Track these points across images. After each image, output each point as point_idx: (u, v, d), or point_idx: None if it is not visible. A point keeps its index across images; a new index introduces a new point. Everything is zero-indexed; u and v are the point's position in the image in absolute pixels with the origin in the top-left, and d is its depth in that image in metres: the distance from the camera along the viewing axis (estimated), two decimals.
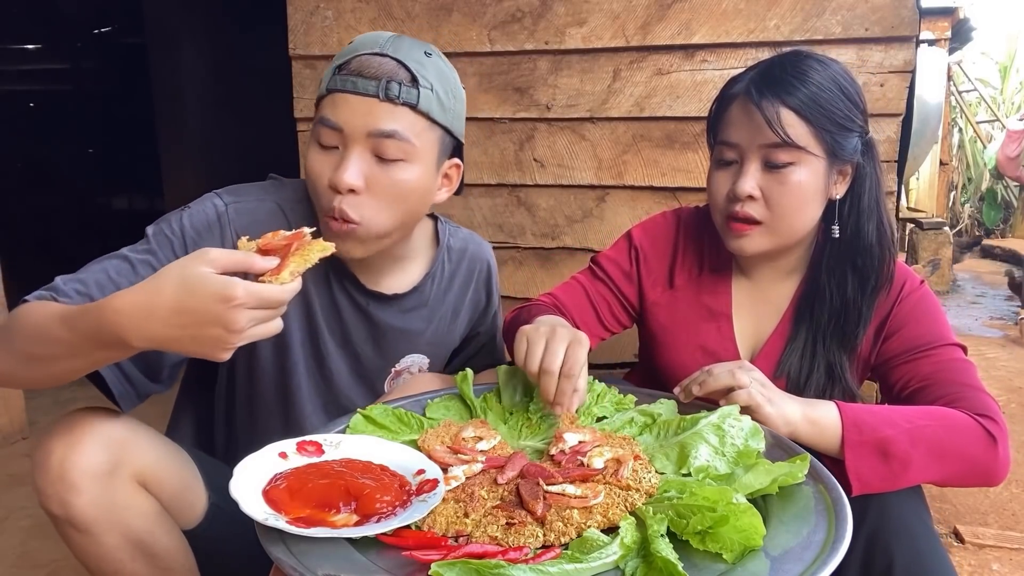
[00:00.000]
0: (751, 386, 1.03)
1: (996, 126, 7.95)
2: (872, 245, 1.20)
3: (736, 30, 1.92)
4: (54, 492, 0.99)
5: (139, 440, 1.07)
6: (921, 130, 4.72)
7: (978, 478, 1.09)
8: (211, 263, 0.84)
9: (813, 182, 1.16)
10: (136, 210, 7.25)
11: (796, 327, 1.27)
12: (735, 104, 1.20)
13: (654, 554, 0.75)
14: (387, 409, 1.10)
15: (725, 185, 1.21)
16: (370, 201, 1.13)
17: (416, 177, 1.15)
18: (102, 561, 1.05)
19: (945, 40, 5.36)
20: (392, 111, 1.10)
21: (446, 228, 1.40)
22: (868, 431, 1.03)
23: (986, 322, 3.48)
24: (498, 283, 1.52)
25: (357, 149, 1.10)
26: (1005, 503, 2.24)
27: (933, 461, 1.03)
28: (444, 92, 1.15)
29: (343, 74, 1.11)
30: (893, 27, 1.84)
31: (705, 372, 1.08)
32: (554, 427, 1.07)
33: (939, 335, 1.19)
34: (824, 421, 1.04)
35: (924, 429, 1.04)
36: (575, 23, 2.02)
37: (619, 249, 1.42)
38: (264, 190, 1.25)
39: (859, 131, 1.18)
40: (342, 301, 1.28)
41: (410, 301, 1.33)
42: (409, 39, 1.16)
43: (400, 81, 1.10)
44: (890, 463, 1.02)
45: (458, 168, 1.25)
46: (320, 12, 2.13)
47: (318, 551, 0.78)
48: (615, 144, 2.07)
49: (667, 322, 1.36)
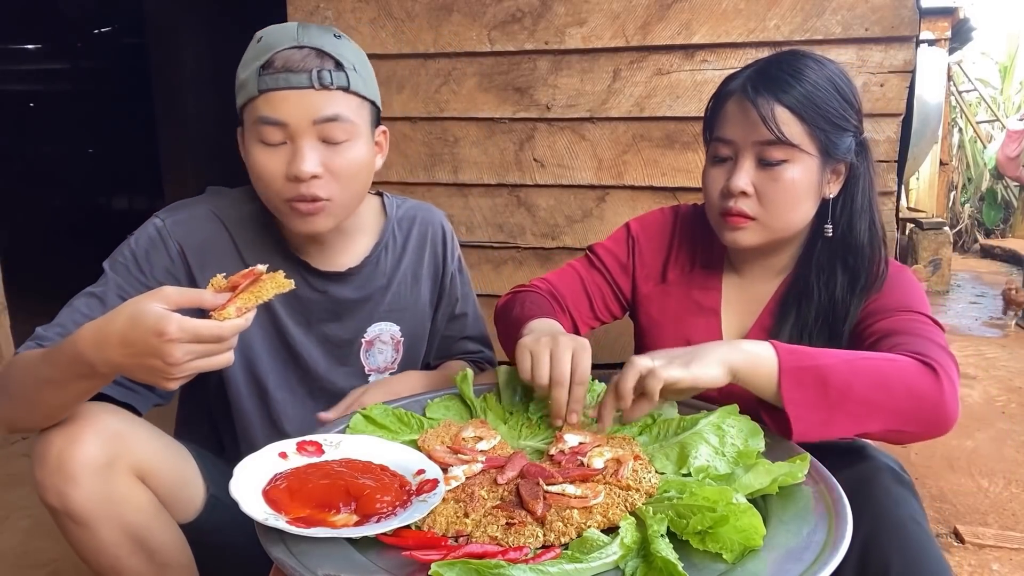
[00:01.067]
0: (657, 364, 0.99)
1: (996, 126, 7.95)
2: (863, 245, 1.21)
3: (736, 30, 1.92)
4: (52, 484, 1.01)
5: (137, 434, 1.09)
6: (921, 130, 4.72)
7: (925, 419, 1.02)
8: (164, 299, 0.90)
9: (806, 180, 1.17)
10: (136, 210, 7.25)
11: (779, 321, 1.26)
12: (731, 101, 1.21)
13: (654, 554, 0.75)
14: (387, 409, 1.10)
15: (720, 181, 1.22)
16: (331, 183, 1.18)
17: (363, 152, 1.22)
18: (100, 554, 1.06)
19: (945, 40, 5.37)
20: (329, 97, 1.15)
21: (393, 201, 1.45)
22: (805, 358, 1.00)
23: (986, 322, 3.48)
24: (458, 246, 1.53)
25: (306, 139, 1.15)
26: (1005, 503, 2.24)
27: (873, 393, 0.99)
28: (362, 68, 1.22)
29: (270, 73, 1.14)
30: (893, 27, 1.84)
31: (609, 389, 1.04)
32: (554, 427, 1.07)
33: (912, 303, 1.17)
34: (758, 352, 1.01)
35: (864, 360, 1.02)
36: (575, 23, 2.02)
37: (616, 240, 1.43)
38: (197, 201, 1.31)
39: (853, 131, 1.19)
40: (300, 289, 1.31)
41: (365, 272, 1.36)
42: (314, 25, 1.20)
43: (328, 68, 1.15)
44: (827, 393, 0.98)
45: (385, 134, 1.32)
46: (320, 12, 2.13)
47: (318, 551, 0.78)
48: (615, 144, 2.07)
49: (657, 316, 1.37)
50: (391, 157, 2.22)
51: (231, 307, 0.91)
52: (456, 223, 2.24)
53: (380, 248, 1.38)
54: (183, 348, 0.88)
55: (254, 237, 1.30)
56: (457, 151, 2.17)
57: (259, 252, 1.29)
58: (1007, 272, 6.66)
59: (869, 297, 1.21)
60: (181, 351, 0.87)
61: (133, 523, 1.07)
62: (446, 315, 1.51)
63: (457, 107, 2.14)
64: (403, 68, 2.13)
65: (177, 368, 0.89)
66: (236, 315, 0.90)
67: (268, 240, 1.30)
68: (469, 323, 1.55)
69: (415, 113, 2.15)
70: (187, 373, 0.91)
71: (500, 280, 2.27)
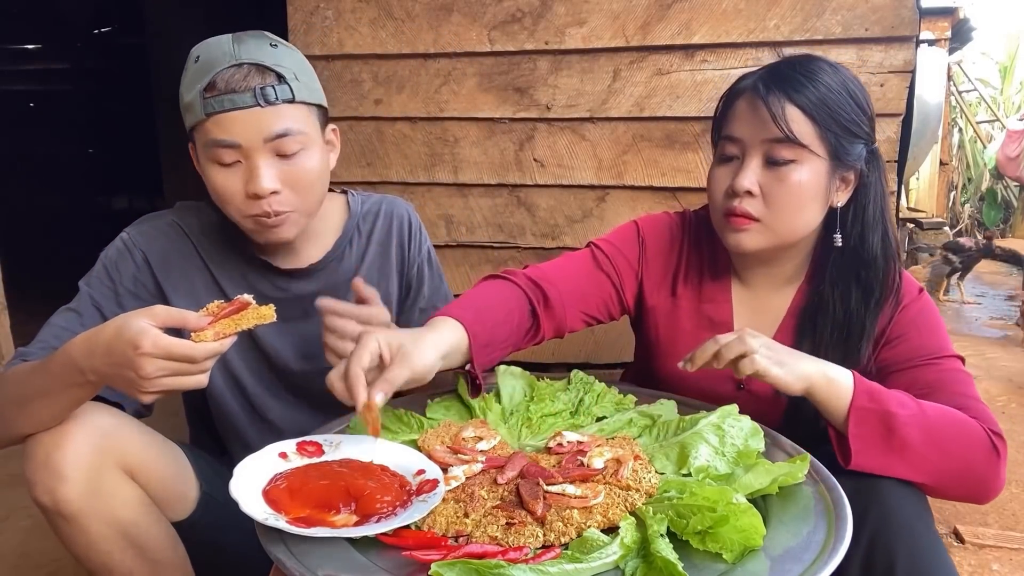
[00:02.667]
0: (759, 352, 1.03)
1: (996, 126, 7.95)
2: (877, 257, 1.19)
3: (736, 30, 1.92)
4: (41, 480, 1.03)
5: (126, 431, 1.10)
6: (921, 130, 4.72)
7: (973, 486, 1.07)
8: (152, 316, 0.94)
9: (814, 183, 1.15)
10: (136, 210, 7.20)
11: (798, 339, 1.25)
12: (741, 99, 1.19)
13: (654, 554, 0.75)
14: (387, 409, 1.10)
15: (725, 181, 1.20)
16: (290, 195, 1.20)
17: (317, 158, 1.22)
18: (91, 551, 1.07)
19: (945, 40, 5.37)
20: (276, 112, 1.16)
21: (357, 197, 1.45)
22: (878, 401, 1.03)
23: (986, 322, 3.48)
24: (427, 238, 1.50)
25: (261, 157, 1.16)
26: (1005, 503, 2.24)
27: (933, 451, 1.02)
28: (303, 74, 1.21)
29: (214, 96, 1.14)
30: (893, 27, 1.84)
31: (713, 342, 1.06)
32: (554, 427, 1.07)
33: (940, 346, 1.18)
34: (839, 380, 1.04)
35: (933, 419, 1.03)
36: (575, 23, 2.02)
37: (625, 239, 1.36)
38: (162, 214, 1.35)
39: (865, 138, 1.17)
40: (263, 287, 1.33)
41: (328, 268, 1.37)
42: (248, 37, 1.19)
43: (271, 84, 1.15)
44: (891, 439, 1.01)
45: (335, 132, 1.32)
46: (320, 12, 2.13)
47: (318, 551, 0.78)
48: (615, 144, 2.07)
49: (667, 331, 1.34)
50: (391, 157, 2.22)
51: (210, 331, 0.95)
52: (456, 223, 2.24)
53: (344, 243, 1.39)
54: (155, 364, 0.91)
55: (217, 243, 1.33)
56: (457, 151, 2.17)
57: (222, 257, 1.33)
58: (1007, 272, 6.65)
59: (885, 312, 1.20)
60: (153, 366, 0.91)
61: (123, 519, 1.07)
62: (416, 307, 1.47)
63: (457, 107, 2.14)
64: (403, 68, 2.13)
65: (148, 382, 0.92)
66: (213, 339, 0.94)
67: (230, 245, 1.33)
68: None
69: (415, 113, 2.15)
70: (159, 388, 0.94)
71: None
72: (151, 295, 1.29)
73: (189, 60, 1.20)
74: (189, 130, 1.22)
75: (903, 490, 1.01)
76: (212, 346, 0.94)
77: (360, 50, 2.14)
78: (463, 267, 2.28)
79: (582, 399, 1.17)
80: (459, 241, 2.26)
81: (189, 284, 1.31)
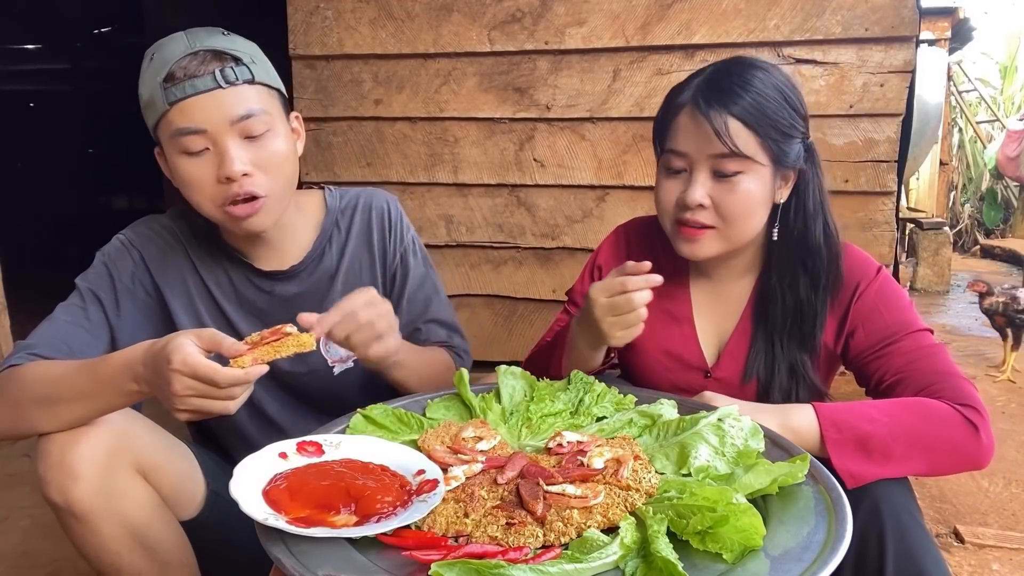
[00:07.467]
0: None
1: (996, 126, 7.95)
2: (820, 246, 1.23)
3: (736, 30, 1.92)
4: (55, 479, 1.02)
5: (139, 431, 1.11)
6: (921, 130, 4.73)
7: (964, 464, 1.12)
8: (197, 336, 0.95)
9: (761, 189, 1.19)
10: (136, 210, 7.23)
11: (755, 327, 1.30)
12: (683, 113, 1.21)
13: (654, 554, 0.75)
14: (387, 409, 1.10)
15: (674, 193, 1.23)
16: (261, 178, 1.19)
17: (284, 140, 1.22)
18: (100, 551, 1.07)
19: (945, 40, 5.37)
20: (238, 93, 1.16)
21: (335, 193, 1.44)
22: (847, 429, 1.06)
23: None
24: (410, 226, 1.49)
25: (229, 139, 1.15)
26: (1005, 503, 2.24)
27: (916, 452, 1.06)
28: (259, 59, 1.22)
29: (174, 84, 1.14)
30: (893, 27, 1.84)
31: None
32: (554, 427, 1.07)
33: (905, 323, 1.20)
34: (802, 427, 1.08)
35: (903, 422, 1.07)
36: (575, 23, 2.02)
37: (584, 280, 1.44)
38: (154, 218, 1.37)
39: (801, 137, 1.21)
40: (247, 290, 1.33)
41: (309, 267, 1.37)
42: (200, 29, 1.21)
43: (229, 65, 1.16)
44: (872, 455, 1.05)
45: (299, 119, 1.32)
46: (320, 12, 2.13)
47: (318, 551, 0.78)
48: (615, 144, 2.07)
49: None
50: (391, 157, 2.22)
51: (248, 357, 0.95)
52: (456, 223, 2.24)
53: (323, 241, 1.38)
54: (183, 381, 0.92)
55: (204, 247, 1.34)
56: (457, 151, 2.17)
57: (209, 261, 1.33)
58: (1007, 272, 6.66)
59: (842, 297, 1.24)
60: (180, 384, 0.92)
61: (134, 519, 1.08)
62: (403, 296, 1.45)
63: (457, 107, 2.14)
64: (403, 68, 2.14)
65: (178, 399, 0.93)
66: (251, 364, 0.94)
67: (214, 248, 1.34)
68: (433, 306, 1.48)
69: (415, 113, 2.15)
70: (189, 408, 0.94)
71: (500, 280, 2.27)
72: (148, 294, 1.29)
73: (144, 61, 1.20)
74: (153, 130, 1.20)
75: (892, 484, 1.05)
76: (235, 372, 0.93)
77: (360, 50, 2.14)
78: (463, 267, 2.28)
79: (582, 399, 1.17)
80: (459, 241, 2.26)
81: (183, 285, 1.32)
